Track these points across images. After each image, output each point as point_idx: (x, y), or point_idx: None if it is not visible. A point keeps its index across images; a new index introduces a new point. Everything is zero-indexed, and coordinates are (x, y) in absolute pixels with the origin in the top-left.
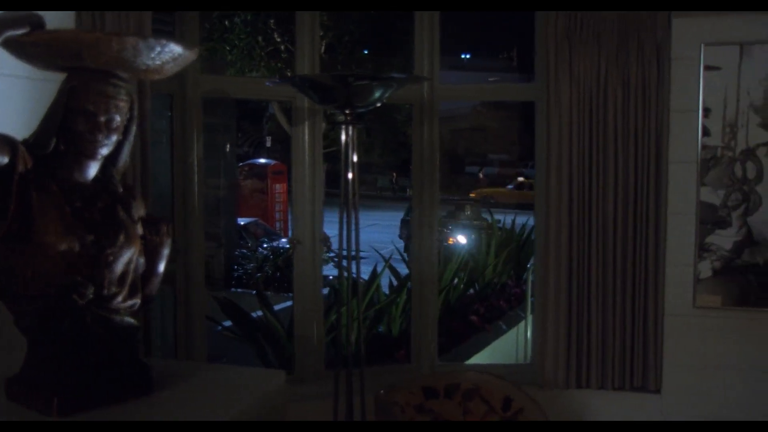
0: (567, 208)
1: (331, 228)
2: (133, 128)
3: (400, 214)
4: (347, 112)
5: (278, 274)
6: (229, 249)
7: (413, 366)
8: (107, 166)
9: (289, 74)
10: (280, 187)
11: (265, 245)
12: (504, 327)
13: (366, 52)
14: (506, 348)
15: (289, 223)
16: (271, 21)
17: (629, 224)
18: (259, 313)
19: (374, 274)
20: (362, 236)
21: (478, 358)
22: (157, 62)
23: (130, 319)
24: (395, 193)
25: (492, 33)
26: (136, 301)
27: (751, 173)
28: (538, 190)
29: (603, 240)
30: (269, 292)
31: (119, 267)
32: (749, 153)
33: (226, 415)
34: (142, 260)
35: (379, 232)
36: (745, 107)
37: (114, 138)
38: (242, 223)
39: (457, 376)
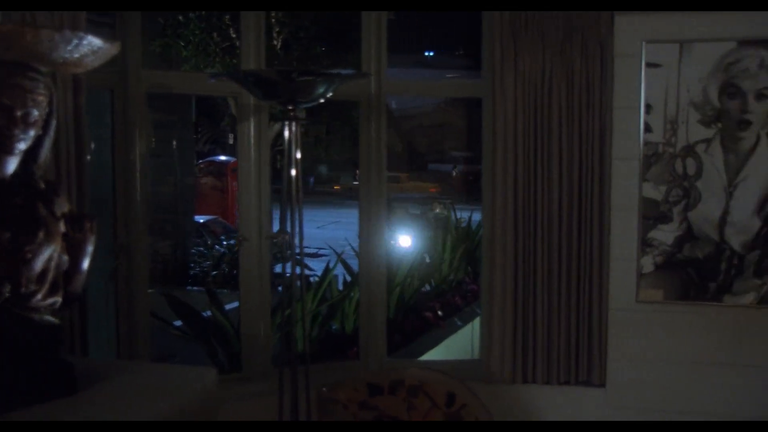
0: (512, 204)
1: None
2: (53, 123)
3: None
4: (290, 108)
5: (235, 271)
6: (186, 247)
7: (362, 363)
8: (28, 162)
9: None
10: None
11: (224, 243)
12: (459, 323)
13: (324, 48)
14: (461, 344)
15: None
16: (226, 17)
17: (574, 220)
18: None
19: (326, 271)
20: (324, 233)
21: (432, 355)
22: (76, 55)
23: (50, 318)
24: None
25: (454, 30)
26: (57, 299)
27: (691, 169)
28: (484, 187)
29: (548, 236)
30: (226, 290)
31: (38, 264)
32: (689, 149)
33: (149, 414)
34: (65, 257)
35: (341, 230)
36: (685, 104)
37: (32, 132)
38: (201, 220)
39: (402, 372)
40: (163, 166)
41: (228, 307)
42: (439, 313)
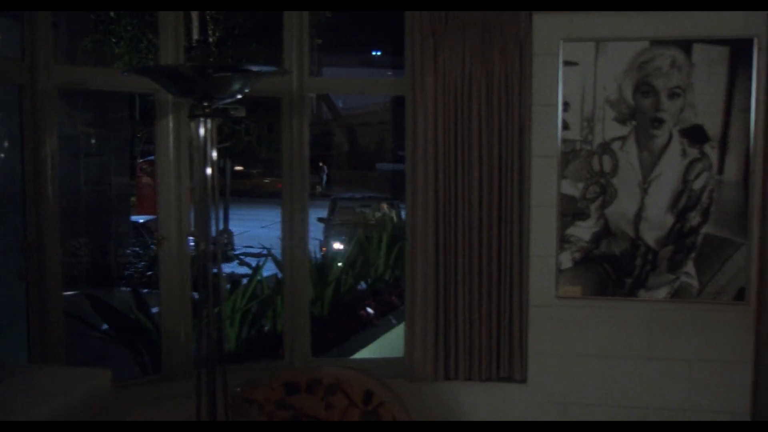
0: (433, 202)
1: (235, 226)
2: None
3: (312, 211)
4: (206, 104)
5: None
6: (121, 247)
7: (286, 363)
8: None
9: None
10: None
11: None
12: (394, 321)
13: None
14: (395, 342)
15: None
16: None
17: (494, 217)
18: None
19: (256, 269)
20: (269, 233)
21: (365, 353)
22: None
23: None
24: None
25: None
26: None
27: (607, 166)
28: (407, 185)
29: (468, 233)
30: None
31: None
32: (605, 147)
33: (31, 415)
34: None
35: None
36: (601, 102)
37: None
38: (141, 221)
39: (320, 371)
40: (101, 166)
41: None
42: (370, 311)
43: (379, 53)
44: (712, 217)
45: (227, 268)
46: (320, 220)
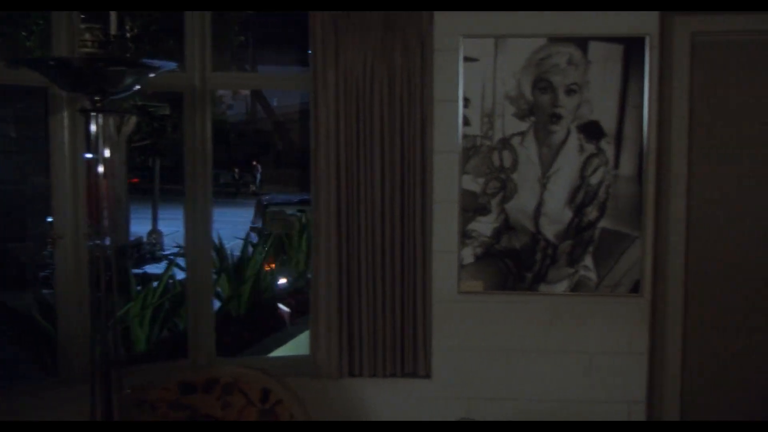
0: (335, 198)
1: (166, 225)
2: None
3: (243, 211)
4: (97, 99)
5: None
6: (38, 249)
7: (190, 362)
8: None
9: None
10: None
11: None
12: None
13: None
14: None
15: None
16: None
17: (396, 213)
18: None
19: (169, 267)
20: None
21: (282, 351)
22: None
23: None
24: (238, 189)
25: None
26: None
27: (507, 162)
28: (311, 180)
29: (372, 229)
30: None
31: None
32: (505, 142)
33: None
34: None
35: (214, 230)
36: (501, 98)
37: None
38: None
39: (217, 370)
40: (24, 164)
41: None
42: (285, 309)
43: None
44: (608, 211)
45: (157, 268)
46: (253, 229)
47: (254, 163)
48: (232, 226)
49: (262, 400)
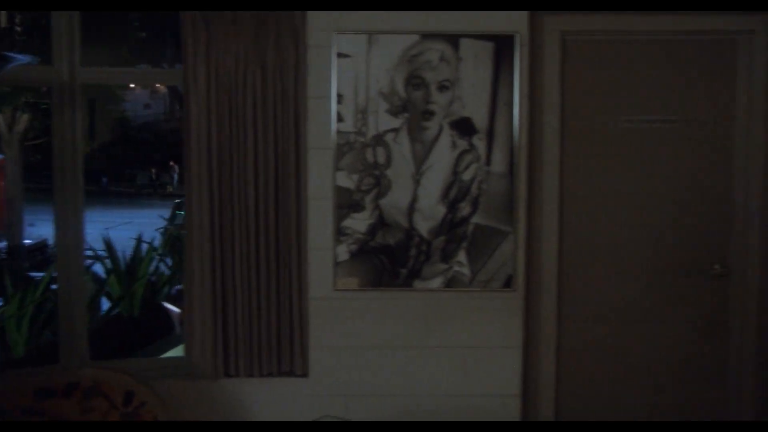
0: (208, 195)
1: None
2: None
3: (160, 212)
4: None
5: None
6: None
7: (62, 367)
8: None
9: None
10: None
11: None
12: None
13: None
14: None
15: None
16: None
17: (271, 210)
18: None
19: (49, 268)
20: (112, 234)
21: (176, 352)
22: None
23: None
24: (155, 189)
25: None
26: None
27: (381, 158)
28: (185, 178)
29: (246, 227)
30: None
31: None
32: (379, 138)
33: None
34: None
35: (132, 230)
36: (374, 94)
37: None
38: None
39: (78, 374)
40: None
41: None
42: (174, 309)
43: None
44: (481, 207)
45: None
46: (158, 230)
47: (171, 163)
48: (150, 228)
49: (125, 403)
